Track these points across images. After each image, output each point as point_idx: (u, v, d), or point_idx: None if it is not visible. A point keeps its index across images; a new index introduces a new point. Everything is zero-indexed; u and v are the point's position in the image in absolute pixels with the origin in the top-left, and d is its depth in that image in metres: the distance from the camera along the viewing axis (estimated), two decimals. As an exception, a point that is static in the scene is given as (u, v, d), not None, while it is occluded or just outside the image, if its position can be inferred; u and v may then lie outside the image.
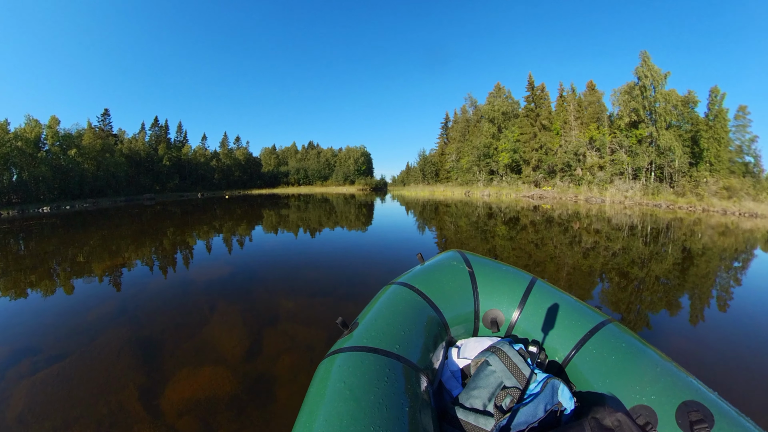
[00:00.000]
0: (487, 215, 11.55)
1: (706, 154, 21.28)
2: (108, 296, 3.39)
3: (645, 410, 0.96)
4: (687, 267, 4.62)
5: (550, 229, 7.96)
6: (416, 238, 6.56)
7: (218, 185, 53.39)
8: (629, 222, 10.05)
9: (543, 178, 28.27)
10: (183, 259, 4.96)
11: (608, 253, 5.30)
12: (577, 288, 3.56)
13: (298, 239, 6.56)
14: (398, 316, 1.20)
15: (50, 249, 6.29)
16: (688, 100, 24.72)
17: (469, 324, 1.42)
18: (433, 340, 1.21)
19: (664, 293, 3.47)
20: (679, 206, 17.10)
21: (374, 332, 1.09)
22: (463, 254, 1.63)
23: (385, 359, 0.98)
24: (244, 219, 11.04)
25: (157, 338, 2.46)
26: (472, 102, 41.09)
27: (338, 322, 1.16)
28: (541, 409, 1.01)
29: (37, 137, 28.95)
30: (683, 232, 8.22)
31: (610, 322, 1.24)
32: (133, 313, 2.92)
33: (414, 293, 1.36)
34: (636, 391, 1.00)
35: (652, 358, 1.08)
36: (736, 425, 0.84)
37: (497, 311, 1.41)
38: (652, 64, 24.65)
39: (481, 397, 1.07)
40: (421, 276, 1.49)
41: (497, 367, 1.11)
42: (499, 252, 5.23)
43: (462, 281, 1.47)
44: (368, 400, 0.82)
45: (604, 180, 23.63)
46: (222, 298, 3.21)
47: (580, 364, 1.17)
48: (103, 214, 15.51)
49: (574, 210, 14.16)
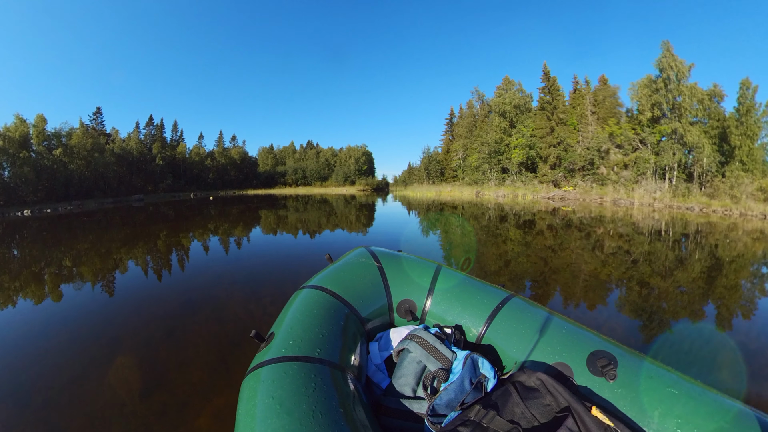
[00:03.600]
0: (534, 228, 10.40)
1: (738, 152, 19.99)
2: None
3: (561, 366, 1.08)
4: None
5: (632, 247, 6.82)
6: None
7: (213, 185, 52.69)
8: (668, 230, 8.87)
9: (563, 177, 26.30)
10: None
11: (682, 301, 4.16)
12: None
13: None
14: (314, 319, 1.20)
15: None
16: (714, 94, 23.47)
17: (385, 316, 1.48)
18: (352, 338, 1.24)
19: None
20: (713, 210, 15.88)
21: (293, 340, 1.09)
22: (370, 250, 1.68)
23: (309, 365, 0.98)
24: (235, 223, 9.98)
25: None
26: (480, 96, 39.73)
27: (252, 335, 1.16)
28: (467, 383, 1.06)
29: (23, 136, 28.10)
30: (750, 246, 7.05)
31: (514, 296, 1.38)
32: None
33: (327, 294, 1.37)
34: (549, 352, 1.12)
35: (556, 321, 1.22)
36: (635, 362, 1.02)
37: (410, 300, 1.48)
38: (674, 54, 23.42)
39: (408, 383, 1.13)
40: (331, 276, 1.50)
41: (418, 353, 1.17)
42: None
43: (372, 276, 1.52)
44: (301, 410, 0.82)
45: (630, 180, 22.22)
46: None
47: (493, 337, 1.28)
48: (78, 218, 14.52)
49: (610, 215, 12.99)
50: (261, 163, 64.34)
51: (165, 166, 46.11)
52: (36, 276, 4.62)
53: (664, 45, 23.63)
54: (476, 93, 40.23)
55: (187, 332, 2.59)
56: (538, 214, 12.59)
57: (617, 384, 0.98)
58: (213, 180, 53.46)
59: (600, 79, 31.19)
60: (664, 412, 0.90)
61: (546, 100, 30.76)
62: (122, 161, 39.68)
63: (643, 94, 24.60)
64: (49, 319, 2.98)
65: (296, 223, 10.03)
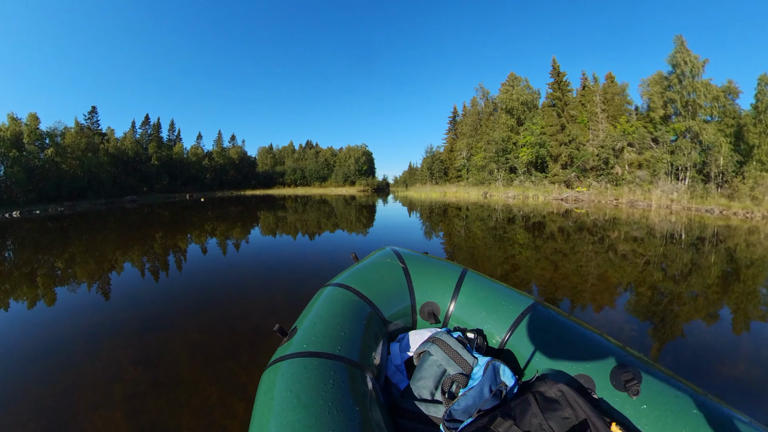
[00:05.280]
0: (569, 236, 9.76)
1: (756, 151, 19.32)
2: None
3: (583, 378, 1.05)
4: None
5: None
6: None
7: (210, 185, 52.24)
8: (694, 234, 8.22)
9: (576, 177, 25.25)
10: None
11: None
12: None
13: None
14: (337, 317, 1.21)
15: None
16: (729, 91, 22.80)
17: (408, 318, 1.48)
18: (373, 337, 1.24)
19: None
20: (734, 212, 15.22)
21: (314, 336, 1.09)
22: (396, 250, 1.68)
23: (329, 362, 0.99)
24: (226, 227, 9.38)
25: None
26: (484, 93, 39.05)
27: (276, 330, 1.17)
28: (487, 390, 1.04)
29: (14, 135, 27.64)
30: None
31: (539, 304, 1.34)
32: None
33: (350, 293, 1.38)
34: (572, 363, 1.09)
35: (581, 332, 1.20)
36: (660, 377, 0.99)
37: (433, 303, 1.47)
38: (689, 49, 22.77)
39: (427, 386, 1.13)
40: (356, 275, 1.51)
41: (439, 356, 1.17)
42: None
43: (397, 277, 1.52)
44: (317, 405, 0.82)
45: (646, 180, 21.48)
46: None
47: (517, 344, 1.25)
48: (64, 220, 13.97)
49: (630, 217, 12.34)
50: (260, 163, 63.99)
51: (161, 166, 45.64)
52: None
53: (678, 40, 22.97)
54: (481, 90, 39.58)
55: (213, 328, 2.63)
56: (555, 218, 11.96)
57: (640, 400, 0.95)
58: (210, 180, 53.00)
59: (607, 77, 30.51)
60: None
61: (556, 96, 29.95)
62: (117, 161, 39.22)
63: (654, 91, 23.96)
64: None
65: (295, 223, 9.43)
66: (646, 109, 25.23)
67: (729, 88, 22.83)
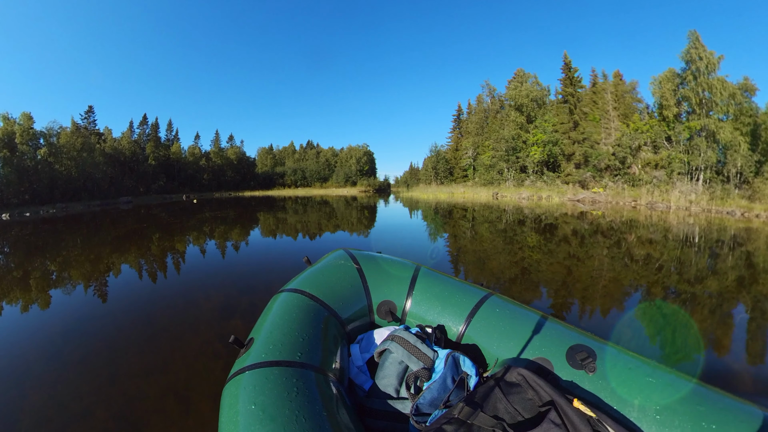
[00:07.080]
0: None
1: (777, 150, 18.82)
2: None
3: (541, 361, 1.10)
4: None
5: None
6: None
7: (208, 186, 51.87)
8: (736, 241, 7.70)
9: (591, 177, 24.38)
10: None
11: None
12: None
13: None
14: (294, 323, 1.20)
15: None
16: (745, 88, 22.30)
17: (365, 318, 1.49)
18: (333, 340, 1.25)
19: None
20: (756, 214, 14.71)
21: (273, 345, 1.08)
22: (349, 251, 1.70)
23: (291, 370, 0.98)
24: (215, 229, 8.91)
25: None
26: (491, 90, 38.55)
27: (231, 341, 1.14)
28: (450, 381, 1.07)
29: (7, 135, 27.25)
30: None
31: (492, 295, 1.41)
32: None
33: (306, 297, 1.37)
34: (529, 348, 1.15)
35: (535, 318, 1.25)
36: (613, 354, 1.05)
37: (390, 301, 1.50)
38: (704, 45, 22.28)
39: (391, 384, 1.14)
40: (309, 279, 1.50)
41: (399, 353, 1.18)
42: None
43: (351, 278, 1.53)
44: (284, 415, 0.82)
45: (663, 181, 20.91)
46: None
47: (474, 335, 1.31)
48: (52, 223, 13.52)
49: (674, 224, 11.84)
50: (260, 163, 63.62)
51: (158, 166, 45.32)
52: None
53: (692, 35, 22.49)
54: (487, 87, 39.10)
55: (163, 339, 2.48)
56: (585, 224, 11.46)
57: (597, 376, 1.01)
58: (208, 181, 52.62)
59: (614, 75, 30.05)
60: (643, 400, 0.93)
61: (568, 91, 29.33)
62: (113, 161, 38.85)
63: (666, 89, 23.45)
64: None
65: (295, 224, 8.95)
66: (657, 107, 24.73)
67: (745, 85, 22.30)
